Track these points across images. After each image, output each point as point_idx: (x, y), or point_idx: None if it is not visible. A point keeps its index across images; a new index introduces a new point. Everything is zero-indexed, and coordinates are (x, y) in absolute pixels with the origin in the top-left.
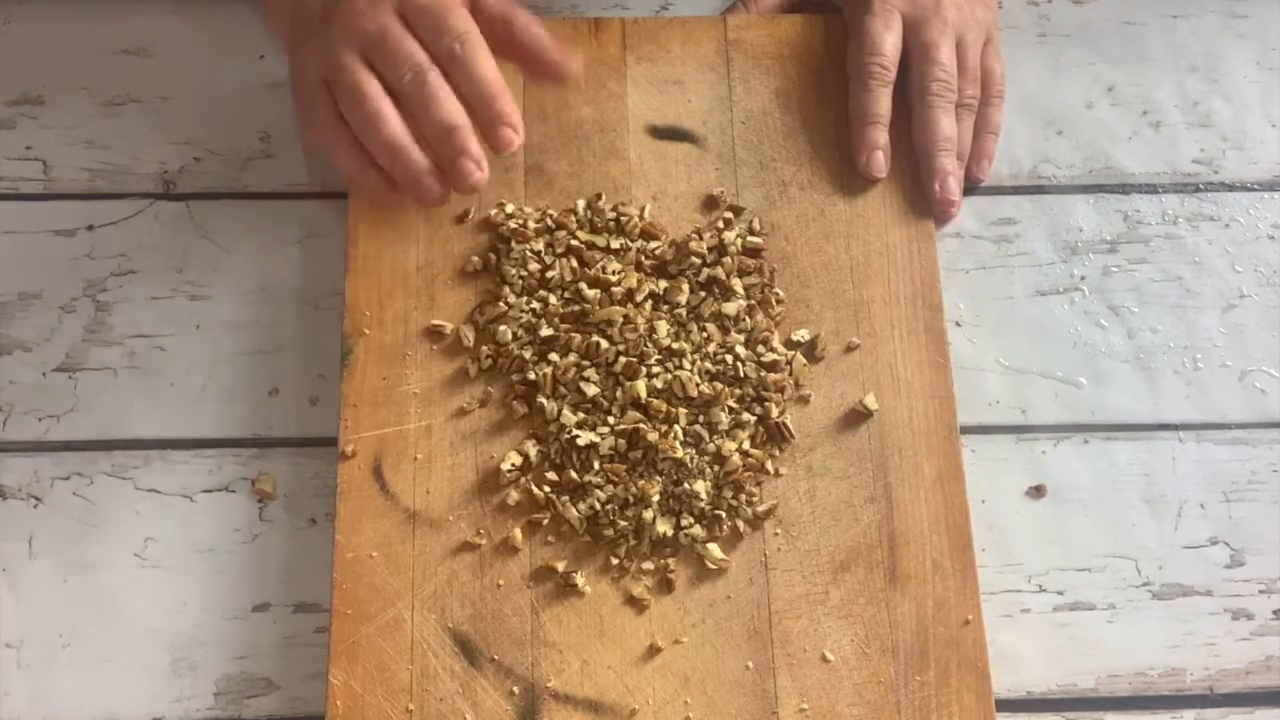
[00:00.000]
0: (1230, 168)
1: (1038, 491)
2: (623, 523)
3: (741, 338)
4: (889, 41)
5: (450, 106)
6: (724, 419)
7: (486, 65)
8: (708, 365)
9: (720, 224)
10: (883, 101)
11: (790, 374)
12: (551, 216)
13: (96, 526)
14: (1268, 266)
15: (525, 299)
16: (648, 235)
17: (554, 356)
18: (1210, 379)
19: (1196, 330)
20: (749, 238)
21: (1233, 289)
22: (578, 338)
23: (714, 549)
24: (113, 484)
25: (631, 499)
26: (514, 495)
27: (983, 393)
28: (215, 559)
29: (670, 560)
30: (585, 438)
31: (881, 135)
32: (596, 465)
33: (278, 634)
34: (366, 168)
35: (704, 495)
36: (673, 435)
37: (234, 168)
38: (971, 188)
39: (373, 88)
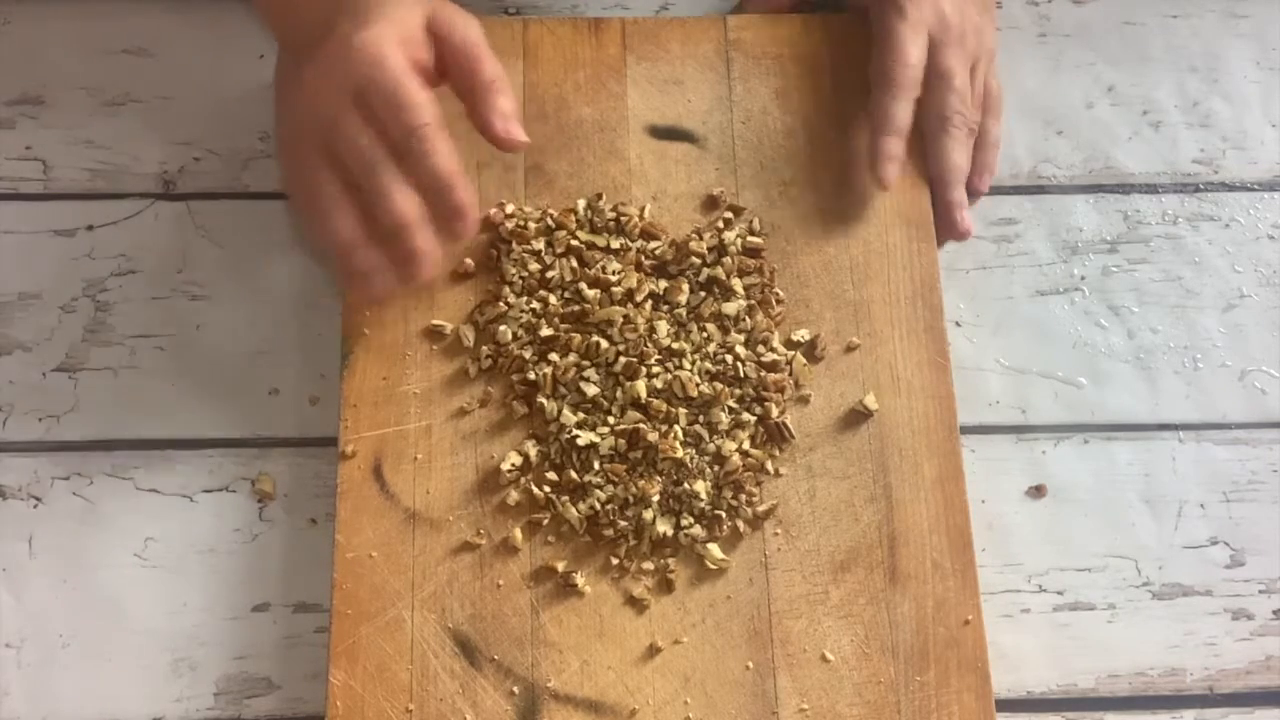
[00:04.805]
0: (1230, 168)
1: (1038, 491)
2: (623, 523)
3: (741, 338)
4: (915, 53)
5: (401, 204)
6: (724, 419)
7: (442, 157)
8: (708, 365)
9: (720, 224)
10: (907, 112)
11: (790, 374)
12: (551, 216)
13: (96, 526)
14: (1268, 266)
15: (525, 299)
16: (648, 235)
17: (554, 356)
18: (1210, 379)
19: (1196, 330)
20: (749, 238)
21: (1233, 289)
22: (578, 338)
23: (714, 549)
24: (113, 484)
25: (631, 499)
26: (514, 495)
27: (983, 393)
28: (215, 559)
29: (670, 560)
30: (585, 438)
31: (900, 147)
32: (596, 465)
33: (278, 634)
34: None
35: (704, 495)
36: (673, 435)
37: (234, 168)
38: (971, 196)
39: (328, 188)
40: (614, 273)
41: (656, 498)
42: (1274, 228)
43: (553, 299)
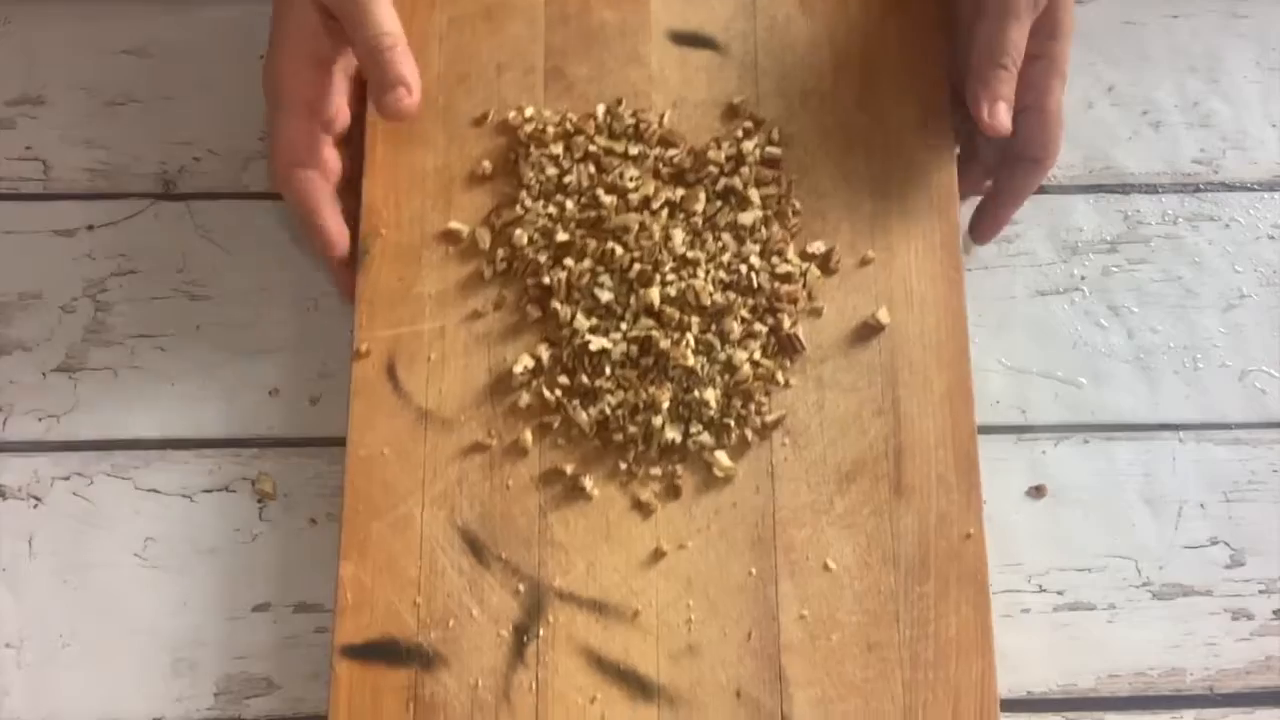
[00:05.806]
0: (1230, 168)
1: (1038, 491)
2: (632, 428)
3: (756, 248)
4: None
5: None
6: (736, 329)
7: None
8: (721, 275)
9: (740, 133)
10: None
11: (804, 286)
12: (571, 121)
13: (96, 526)
14: (1268, 266)
15: (542, 203)
16: (666, 143)
17: (569, 261)
18: (1210, 379)
19: (1196, 330)
20: (768, 148)
21: (1233, 289)
22: (593, 243)
23: (722, 456)
24: (113, 484)
25: (642, 405)
26: (525, 398)
27: (983, 393)
28: (215, 559)
29: (678, 466)
30: (597, 343)
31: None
32: (608, 370)
33: (278, 634)
34: None
35: (713, 404)
36: (684, 343)
37: (234, 168)
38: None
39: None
40: (631, 179)
41: (666, 404)
42: (1274, 228)
43: (569, 204)
